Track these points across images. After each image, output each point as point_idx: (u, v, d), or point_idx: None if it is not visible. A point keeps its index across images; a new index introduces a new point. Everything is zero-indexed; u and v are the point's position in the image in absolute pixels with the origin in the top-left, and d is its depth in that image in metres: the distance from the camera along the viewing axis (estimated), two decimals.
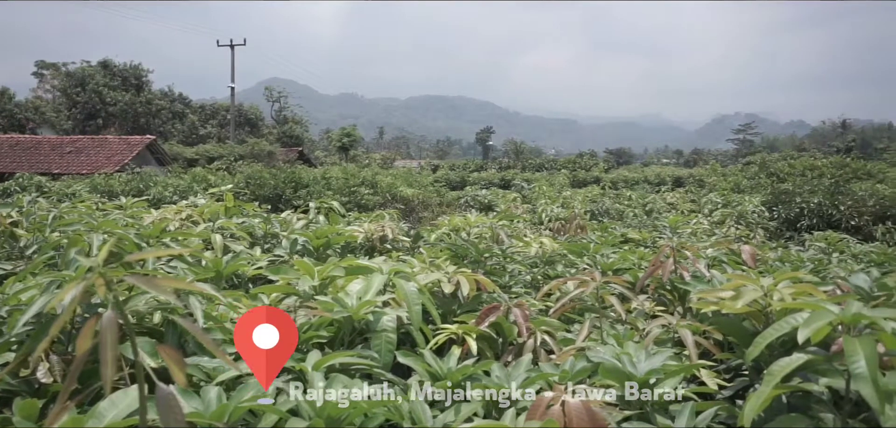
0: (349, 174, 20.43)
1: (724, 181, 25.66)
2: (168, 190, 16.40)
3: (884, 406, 1.72)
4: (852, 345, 1.82)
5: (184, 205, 6.61)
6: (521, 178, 34.76)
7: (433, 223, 9.79)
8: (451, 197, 22.22)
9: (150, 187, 16.75)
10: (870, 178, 18.25)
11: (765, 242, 9.26)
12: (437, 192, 23.16)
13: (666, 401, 2.42)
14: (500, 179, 40.68)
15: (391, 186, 20.09)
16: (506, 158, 66.24)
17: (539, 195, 19.77)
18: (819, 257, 6.50)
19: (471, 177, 44.01)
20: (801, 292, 2.52)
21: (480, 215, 9.68)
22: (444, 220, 8.70)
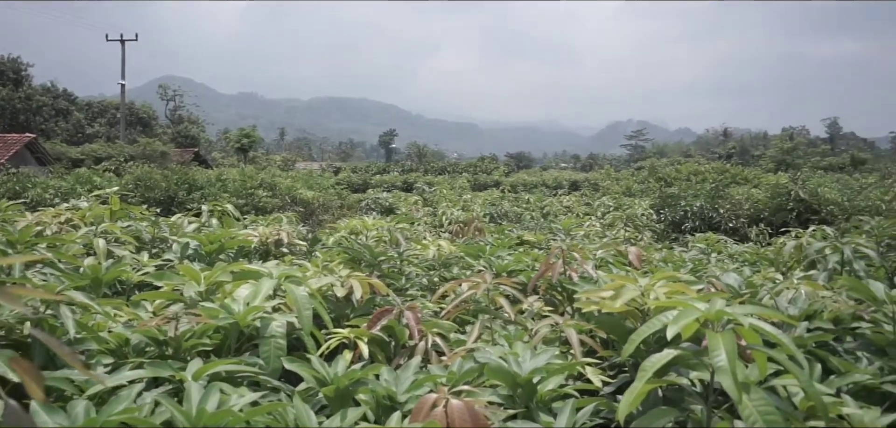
0: (247, 176, 19.88)
1: (616, 185, 26.75)
2: (48, 192, 15.41)
3: (741, 396, 1.84)
4: (715, 340, 1.94)
5: (64, 208, 6.24)
6: (424, 181, 34.93)
7: (332, 227, 9.68)
8: (352, 200, 22.03)
9: (27, 189, 15.68)
10: (746, 183, 19.53)
11: (651, 244, 9.71)
12: (338, 194, 22.92)
13: (549, 398, 2.50)
14: (403, 182, 40.72)
15: (290, 189, 19.72)
16: (409, 161, 66.38)
17: (440, 198, 19.93)
18: (699, 258, 6.87)
19: (373, 179, 43.82)
20: (675, 291, 2.66)
21: (379, 218, 9.66)
22: (343, 223, 8.62)
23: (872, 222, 6.14)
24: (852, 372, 2.72)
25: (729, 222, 12.55)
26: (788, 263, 5.04)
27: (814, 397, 1.98)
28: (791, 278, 3.82)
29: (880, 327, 3.13)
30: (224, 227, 6.22)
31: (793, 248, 5.04)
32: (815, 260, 4.72)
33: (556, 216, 16.46)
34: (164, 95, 68.12)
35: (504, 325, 3.53)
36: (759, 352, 2.17)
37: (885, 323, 3.10)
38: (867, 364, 2.88)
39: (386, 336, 3.23)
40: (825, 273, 4.34)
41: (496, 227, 10.70)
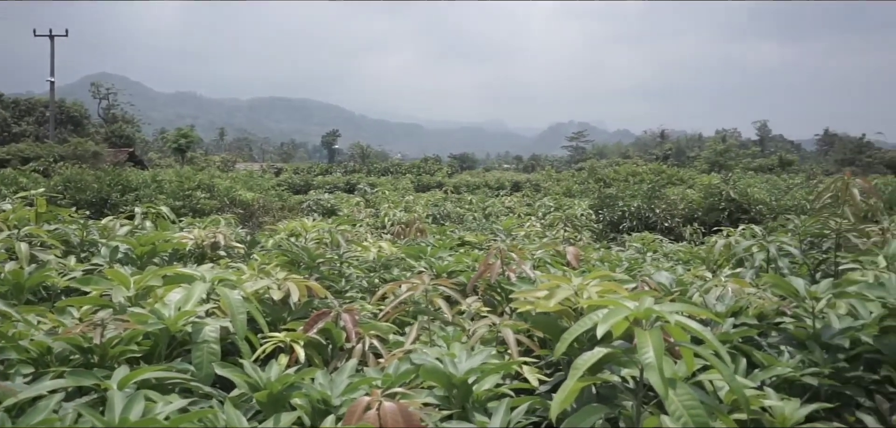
0: (184, 177, 19.40)
1: (557, 186, 27.15)
2: None
3: (667, 391, 1.89)
4: (643, 337, 1.99)
5: None
6: (367, 182, 34.76)
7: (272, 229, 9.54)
8: (294, 201, 21.73)
9: None
10: (682, 184, 20.11)
11: (590, 244, 9.90)
12: (279, 196, 22.58)
13: (486, 398, 2.52)
14: (346, 183, 40.42)
15: (229, 190, 19.33)
16: (352, 162, 65.93)
17: (382, 199, 19.87)
18: (635, 257, 7.04)
19: (316, 180, 43.36)
20: (607, 291, 2.72)
21: (320, 220, 9.57)
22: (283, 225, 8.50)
23: (797, 221, 6.39)
24: (775, 366, 2.83)
25: (665, 222, 12.91)
26: (718, 262, 5.21)
27: (737, 391, 2.05)
28: (720, 276, 3.95)
29: (802, 322, 3.27)
30: (159, 229, 6.05)
31: (722, 246, 5.21)
32: (743, 258, 4.89)
33: (497, 217, 16.61)
34: (96, 94, 65.81)
35: (442, 326, 3.54)
36: (686, 348, 2.24)
37: (806, 317, 3.24)
38: (789, 358, 3.00)
39: (323, 339, 3.20)
40: (752, 271, 4.50)
41: (438, 228, 10.73)
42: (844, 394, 2.95)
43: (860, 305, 3.29)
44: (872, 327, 3.10)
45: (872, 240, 4.75)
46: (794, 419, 2.43)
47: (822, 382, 2.90)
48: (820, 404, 2.61)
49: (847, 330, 3.05)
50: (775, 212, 12.69)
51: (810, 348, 3.02)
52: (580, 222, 13.31)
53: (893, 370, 2.93)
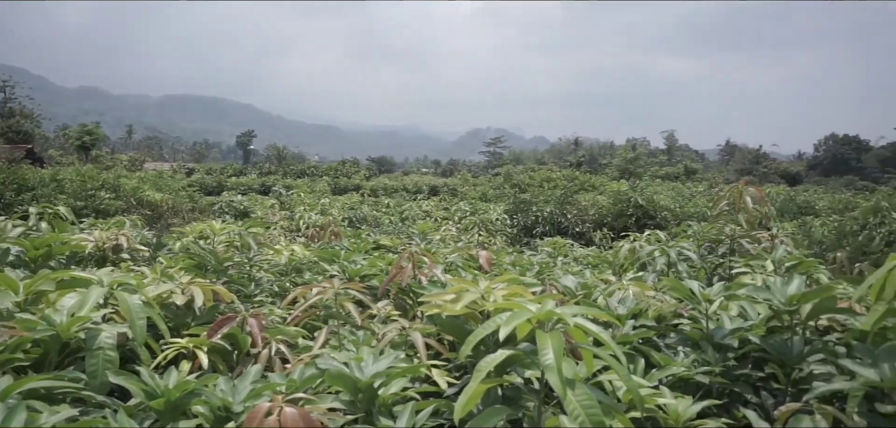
0: (87, 176, 18.46)
1: (474, 190, 27.45)
2: None
3: (566, 392, 1.95)
4: (543, 339, 2.04)
5: None
6: (282, 184, 34.10)
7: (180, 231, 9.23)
8: (205, 203, 21.07)
9: None
10: (593, 190, 20.76)
11: (503, 248, 10.06)
12: (190, 197, 21.84)
13: (392, 402, 2.52)
14: (261, 185, 39.55)
15: (137, 190, 18.56)
16: (268, 163, 64.53)
17: (298, 202, 19.54)
18: (546, 261, 7.21)
19: (229, 181, 42.22)
20: (513, 294, 2.77)
21: (231, 222, 9.32)
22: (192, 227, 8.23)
23: (697, 227, 6.71)
24: (670, 365, 2.96)
25: (576, 227, 13.28)
26: (623, 266, 5.40)
27: (632, 390, 2.14)
28: (623, 280, 4.09)
29: (698, 323, 3.44)
30: (56, 231, 5.74)
31: (627, 251, 5.41)
32: (646, 262, 5.09)
33: (414, 221, 16.64)
34: None
35: (353, 330, 3.52)
36: (585, 350, 2.31)
37: (701, 319, 3.41)
38: (684, 357, 3.14)
39: (228, 345, 3.12)
40: (653, 274, 4.70)
41: (353, 231, 10.65)
42: (734, 391, 3.13)
43: (749, 306, 3.49)
44: (760, 328, 3.29)
45: (763, 245, 5.04)
46: (687, 416, 2.54)
47: (713, 380, 3.06)
48: (711, 401, 2.74)
49: (737, 330, 3.23)
50: (679, 218, 13.27)
51: (703, 348, 3.17)
52: (495, 227, 13.51)
53: (778, 368, 3.12)
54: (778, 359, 3.10)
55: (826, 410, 2.54)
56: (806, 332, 3.38)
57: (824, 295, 3.05)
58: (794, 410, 2.56)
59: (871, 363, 2.50)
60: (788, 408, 2.61)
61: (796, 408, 2.59)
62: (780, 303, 3.14)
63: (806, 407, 2.62)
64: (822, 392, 2.55)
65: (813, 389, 2.61)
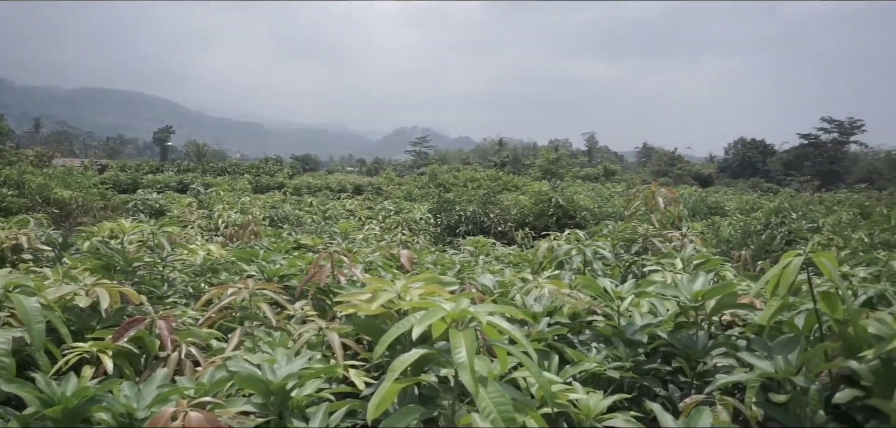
0: None
1: (399, 190, 27.40)
2: None
3: (478, 389, 1.97)
4: (457, 338, 2.05)
5: None
6: (201, 182, 33.07)
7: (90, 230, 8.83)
8: (119, 201, 20.22)
9: None
10: (516, 190, 21.08)
11: (426, 247, 10.09)
12: (101, 195, 20.91)
13: (306, 403, 2.48)
14: (178, 183, 38.28)
15: (43, 188, 17.64)
16: (187, 161, 62.49)
17: (217, 200, 19.02)
18: (468, 260, 7.27)
19: (145, 179, 40.68)
20: (429, 293, 2.78)
21: (145, 221, 8.99)
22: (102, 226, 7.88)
23: (612, 226, 6.91)
24: (583, 361, 3.03)
25: (498, 226, 13.44)
26: (541, 264, 5.50)
27: (543, 386, 2.18)
28: (539, 278, 4.17)
29: (612, 320, 3.54)
30: None
31: (545, 250, 5.51)
32: (563, 261, 5.20)
33: (337, 220, 16.46)
34: None
35: (269, 332, 3.45)
36: (499, 347, 2.34)
37: (613, 316, 3.51)
38: (596, 353, 3.23)
39: (136, 348, 3.00)
40: (570, 272, 4.80)
41: (274, 231, 10.45)
42: (644, 384, 3.24)
43: (659, 303, 3.62)
44: (668, 323, 3.42)
45: (673, 244, 5.23)
46: (598, 410, 2.61)
47: (624, 375, 3.15)
48: (621, 395, 2.83)
49: (646, 326, 3.34)
50: (598, 218, 13.63)
51: (615, 344, 3.27)
52: (419, 226, 13.53)
53: (685, 362, 3.25)
54: (684, 353, 3.22)
55: (727, 401, 2.66)
56: (711, 327, 3.53)
57: (726, 291, 3.20)
58: (697, 402, 2.66)
59: (767, 356, 2.64)
60: (693, 400, 2.72)
61: (700, 400, 2.70)
62: (687, 299, 3.27)
63: (709, 399, 2.74)
64: (722, 384, 2.67)
65: (715, 381, 2.72)
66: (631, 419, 2.43)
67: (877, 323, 2.58)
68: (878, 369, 2.48)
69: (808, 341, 2.82)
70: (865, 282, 4.57)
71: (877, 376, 2.47)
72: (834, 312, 2.69)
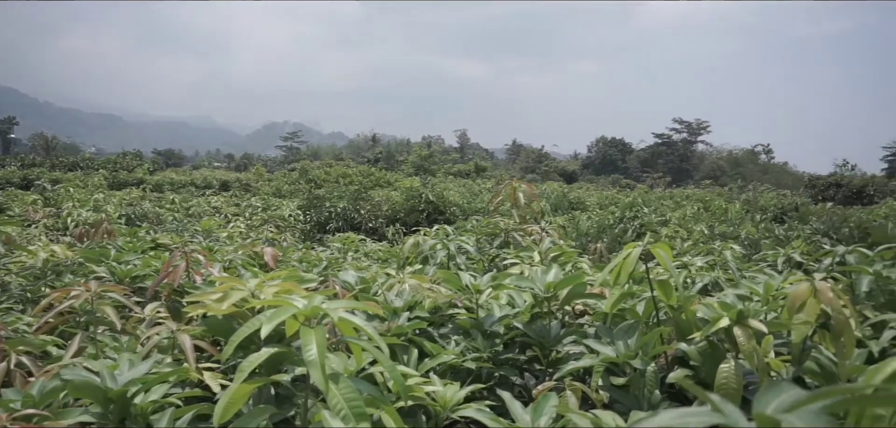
0: None
1: (268, 186, 26.67)
2: None
3: (327, 386, 1.95)
4: (307, 335, 2.03)
5: None
6: (48, 178, 30.60)
7: None
8: None
9: None
10: (388, 186, 21.11)
11: (292, 245, 9.89)
12: None
13: (152, 409, 2.37)
14: (22, 178, 35.21)
15: None
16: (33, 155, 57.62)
17: (66, 197, 17.68)
18: (335, 256, 7.20)
19: None
20: (285, 290, 2.72)
21: None
22: None
23: (478, 221, 7.08)
24: (441, 354, 3.08)
25: (369, 222, 13.40)
26: (408, 259, 5.54)
27: (396, 379, 2.19)
28: (402, 273, 4.20)
29: (473, 312, 3.63)
30: None
31: (411, 245, 5.55)
32: (428, 255, 5.27)
33: (200, 217, 15.78)
34: None
35: (115, 337, 3.26)
36: (354, 343, 2.34)
37: (474, 308, 3.60)
38: (455, 345, 3.30)
39: None
40: (434, 267, 4.87)
41: (129, 230, 9.86)
42: (502, 374, 3.34)
43: (517, 295, 3.75)
44: (525, 314, 3.55)
45: (533, 237, 5.44)
46: (454, 401, 2.67)
47: (483, 366, 3.25)
48: (478, 386, 2.91)
49: (503, 318, 3.45)
50: (467, 213, 13.92)
51: (474, 336, 3.35)
52: (288, 223, 13.22)
53: (539, 350, 3.39)
54: (538, 342, 3.36)
55: (575, 386, 2.79)
56: (564, 316, 3.71)
57: (576, 282, 3.36)
58: (549, 388, 2.78)
59: (610, 341, 2.81)
60: (544, 386, 2.84)
61: (550, 386, 2.83)
62: (540, 291, 3.41)
63: (560, 384, 2.87)
64: (569, 370, 2.81)
65: (564, 367, 2.86)
66: (484, 408, 2.50)
67: (704, 308, 2.82)
68: (705, 350, 2.71)
69: (647, 327, 3.02)
70: (702, 270, 4.98)
71: (704, 357, 2.70)
72: (669, 299, 2.90)
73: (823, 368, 2.74)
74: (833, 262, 4.49)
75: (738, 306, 2.64)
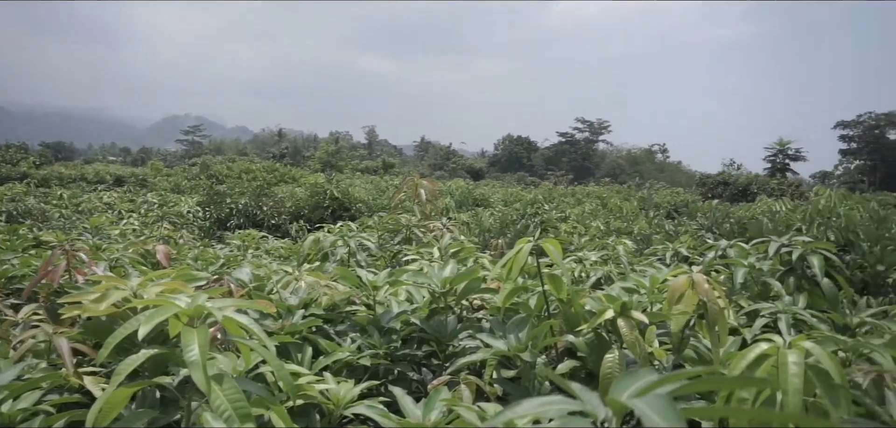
0: None
1: (166, 181, 25.61)
2: None
3: (210, 387, 1.89)
4: (188, 335, 1.96)
5: None
6: None
7: None
8: None
9: None
10: (293, 182, 20.72)
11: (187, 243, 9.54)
12: None
13: (22, 418, 2.23)
14: None
15: None
16: None
17: None
18: (235, 254, 7.00)
19: None
20: (171, 289, 2.62)
21: None
22: None
23: (381, 217, 7.06)
24: (336, 352, 3.06)
25: (272, 219, 13.11)
26: (308, 256, 5.46)
27: (283, 378, 2.16)
28: (299, 270, 4.13)
29: (372, 309, 3.61)
30: None
31: (311, 241, 5.47)
32: (329, 252, 5.21)
33: (91, 214, 14.96)
34: None
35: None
36: (243, 343, 2.28)
37: (373, 305, 3.59)
38: (352, 343, 3.27)
39: None
40: (333, 264, 4.82)
41: (8, 227, 9.23)
42: (399, 370, 3.35)
43: (416, 291, 3.77)
44: (423, 310, 3.57)
45: (434, 234, 5.47)
46: (349, 399, 2.65)
47: (379, 362, 3.24)
48: (372, 382, 2.90)
49: (401, 314, 3.45)
50: (372, 209, 13.85)
51: (370, 333, 3.34)
52: (186, 220, 12.75)
53: (437, 345, 3.41)
54: (436, 337, 3.38)
55: (470, 380, 2.83)
56: (462, 311, 3.75)
57: (471, 277, 3.41)
58: (443, 382, 2.81)
59: (502, 335, 2.86)
60: (439, 381, 2.87)
61: (445, 380, 2.85)
62: (436, 286, 3.43)
63: (455, 379, 2.90)
64: (462, 365, 2.84)
65: (456, 362, 2.89)
66: (376, 405, 2.50)
67: (592, 301, 2.92)
68: (592, 341, 2.81)
69: (539, 320, 3.10)
70: (596, 265, 5.15)
71: (591, 348, 2.79)
72: (559, 293, 2.99)
73: (701, 356, 2.90)
74: (715, 255, 4.75)
75: (622, 299, 2.75)
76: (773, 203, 10.34)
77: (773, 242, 4.36)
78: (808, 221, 7.25)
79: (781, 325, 3.43)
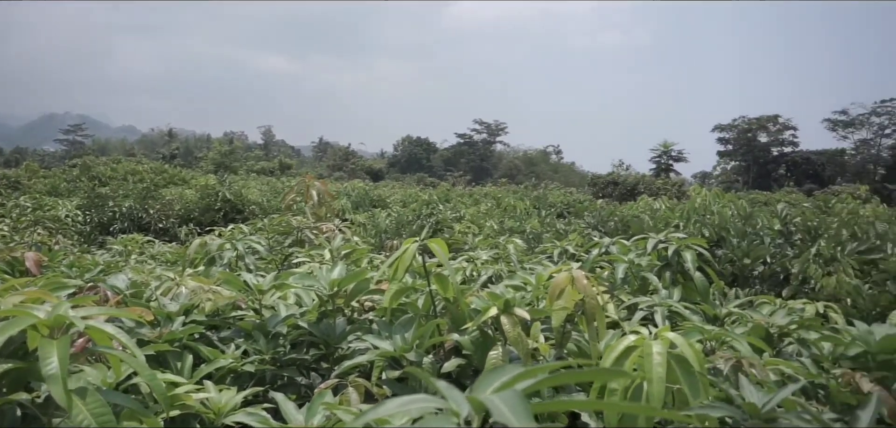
0: None
1: (42, 183, 24.00)
2: None
3: (71, 402, 1.79)
4: (46, 347, 1.84)
5: None
6: None
7: None
8: None
9: None
10: (183, 184, 19.88)
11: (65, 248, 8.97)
12: None
13: None
14: None
15: None
16: None
17: None
18: (115, 260, 6.65)
19: None
20: (34, 298, 2.45)
21: None
22: None
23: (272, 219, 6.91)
24: (219, 359, 2.96)
25: (159, 222, 12.55)
26: (194, 260, 5.25)
27: (156, 388, 2.07)
28: (182, 275, 3.97)
29: (260, 314, 3.52)
30: None
31: (197, 245, 5.27)
32: (216, 256, 5.04)
33: None
34: None
35: None
36: (112, 354, 2.16)
37: (260, 310, 3.50)
38: (236, 349, 3.18)
39: None
40: (220, 268, 4.67)
41: None
42: (287, 375, 3.28)
43: (306, 294, 3.70)
44: (313, 313, 3.51)
45: (326, 235, 5.40)
46: (230, 407, 2.56)
47: (265, 368, 3.16)
48: (256, 389, 2.82)
49: (288, 318, 3.38)
50: (267, 211, 13.51)
51: (256, 338, 3.25)
52: (63, 224, 11.98)
53: (325, 349, 3.37)
54: (324, 340, 3.34)
55: (358, 382, 2.81)
56: (352, 313, 3.72)
57: (359, 278, 3.39)
58: (330, 386, 2.78)
59: (389, 336, 2.86)
60: (325, 385, 2.83)
61: (332, 384, 2.82)
62: (324, 288, 3.39)
63: (343, 382, 2.87)
64: (346, 367, 2.82)
65: (343, 365, 2.87)
66: (256, 412, 2.44)
67: (478, 299, 2.96)
68: (477, 339, 2.85)
69: (426, 319, 3.12)
70: (487, 263, 5.25)
71: (476, 345, 2.84)
72: (445, 292, 3.01)
73: (581, 350, 3.01)
74: (599, 252, 4.94)
75: (506, 296, 2.81)
76: (653, 202, 10.89)
77: (652, 238, 4.59)
78: (685, 219, 7.68)
79: (657, 317, 3.60)
